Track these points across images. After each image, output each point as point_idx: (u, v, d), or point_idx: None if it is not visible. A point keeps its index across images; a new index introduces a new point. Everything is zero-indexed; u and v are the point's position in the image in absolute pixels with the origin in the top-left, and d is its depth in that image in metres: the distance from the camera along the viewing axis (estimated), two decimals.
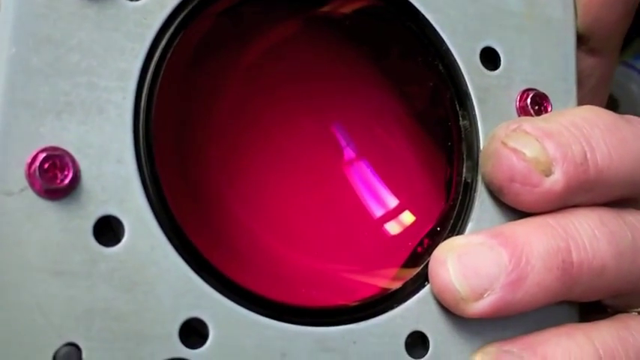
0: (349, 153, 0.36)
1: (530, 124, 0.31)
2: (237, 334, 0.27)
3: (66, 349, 0.25)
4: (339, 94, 0.36)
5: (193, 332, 0.27)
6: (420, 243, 0.33)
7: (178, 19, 0.28)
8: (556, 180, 0.31)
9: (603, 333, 0.31)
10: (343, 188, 0.35)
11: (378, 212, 0.35)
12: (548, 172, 0.31)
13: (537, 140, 0.31)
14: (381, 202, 0.35)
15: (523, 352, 0.30)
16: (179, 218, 0.27)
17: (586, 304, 0.34)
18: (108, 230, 0.26)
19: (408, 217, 0.35)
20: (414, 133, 0.37)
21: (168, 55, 0.28)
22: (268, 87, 0.35)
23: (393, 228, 0.35)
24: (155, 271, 0.26)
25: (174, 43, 0.28)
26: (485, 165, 0.32)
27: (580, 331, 0.31)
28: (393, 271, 0.33)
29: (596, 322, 0.32)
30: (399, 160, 0.37)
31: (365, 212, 0.35)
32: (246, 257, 0.32)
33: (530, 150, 0.31)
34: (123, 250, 0.26)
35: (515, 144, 0.31)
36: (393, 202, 0.35)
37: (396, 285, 0.31)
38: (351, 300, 0.30)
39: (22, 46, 0.25)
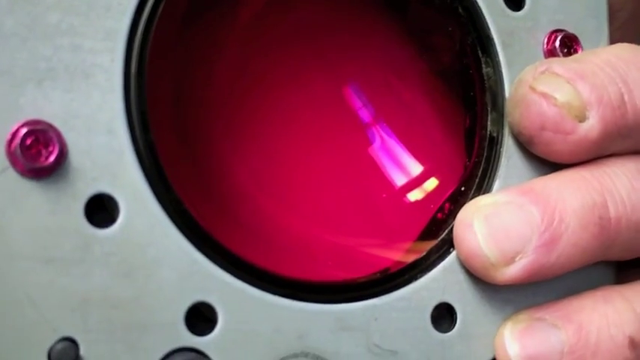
0: (366, 115, 0.34)
1: (561, 65, 0.30)
2: (249, 317, 0.26)
3: (62, 344, 0.23)
4: (352, 49, 0.34)
5: (201, 318, 0.26)
6: (441, 208, 0.31)
7: None
8: (591, 126, 0.29)
9: None
10: (361, 154, 0.34)
11: (400, 180, 0.34)
12: (582, 118, 0.29)
13: (569, 82, 0.29)
14: (402, 167, 0.34)
15: (557, 320, 0.29)
16: (180, 193, 0.26)
17: (622, 262, 0.32)
18: (101, 210, 0.25)
19: (431, 183, 0.34)
20: (435, 87, 0.35)
21: (160, 10, 0.26)
22: (273, 42, 0.33)
23: (415, 195, 0.34)
24: (155, 252, 0.25)
25: None
26: (513, 113, 0.30)
27: (618, 295, 0.30)
28: (414, 242, 0.31)
29: (635, 282, 0.31)
30: (418, 119, 0.35)
31: (385, 180, 0.34)
32: (256, 232, 0.31)
33: (561, 94, 0.29)
34: (118, 230, 0.25)
35: (545, 88, 0.29)
36: (415, 167, 0.34)
37: (418, 256, 0.29)
38: (370, 273, 0.29)
39: None
